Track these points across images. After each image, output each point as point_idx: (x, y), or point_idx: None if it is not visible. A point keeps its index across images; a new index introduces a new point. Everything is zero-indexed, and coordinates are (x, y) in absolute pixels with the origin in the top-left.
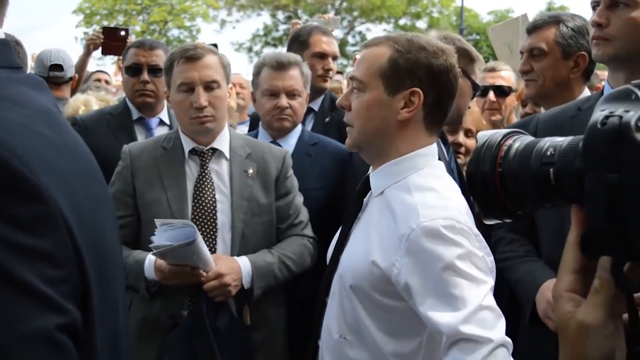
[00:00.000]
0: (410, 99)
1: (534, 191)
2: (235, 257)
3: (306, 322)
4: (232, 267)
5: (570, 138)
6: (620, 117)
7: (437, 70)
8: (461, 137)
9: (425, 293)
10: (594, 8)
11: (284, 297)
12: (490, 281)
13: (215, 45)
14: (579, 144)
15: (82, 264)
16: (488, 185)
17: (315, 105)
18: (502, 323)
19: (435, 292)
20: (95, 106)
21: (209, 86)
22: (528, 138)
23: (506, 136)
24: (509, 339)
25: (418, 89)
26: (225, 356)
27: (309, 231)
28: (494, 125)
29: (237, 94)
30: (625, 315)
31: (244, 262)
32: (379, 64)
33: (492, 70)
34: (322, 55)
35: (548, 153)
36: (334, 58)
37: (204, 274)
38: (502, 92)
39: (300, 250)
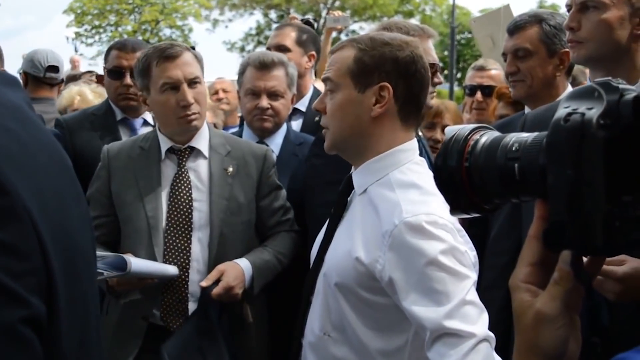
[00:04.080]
0: (380, 94)
1: (500, 186)
2: (237, 261)
3: (289, 322)
4: (237, 276)
5: (535, 134)
6: (583, 114)
7: (404, 62)
8: (439, 134)
9: (409, 288)
10: (568, 11)
11: (264, 298)
12: (473, 276)
13: (192, 48)
14: (543, 140)
15: (46, 258)
16: (455, 179)
17: (302, 106)
18: (485, 318)
19: (419, 287)
20: (90, 96)
21: (193, 83)
22: (495, 133)
23: (473, 131)
24: (491, 334)
25: (386, 83)
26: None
27: (295, 225)
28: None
29: (221, 99)
30: None
31: (246, 265)
32: (346, 64)
33: (481, 69)
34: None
35: (513, 148)
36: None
37: (154, 280)
38: (490, 92)
39: (291, 245)
